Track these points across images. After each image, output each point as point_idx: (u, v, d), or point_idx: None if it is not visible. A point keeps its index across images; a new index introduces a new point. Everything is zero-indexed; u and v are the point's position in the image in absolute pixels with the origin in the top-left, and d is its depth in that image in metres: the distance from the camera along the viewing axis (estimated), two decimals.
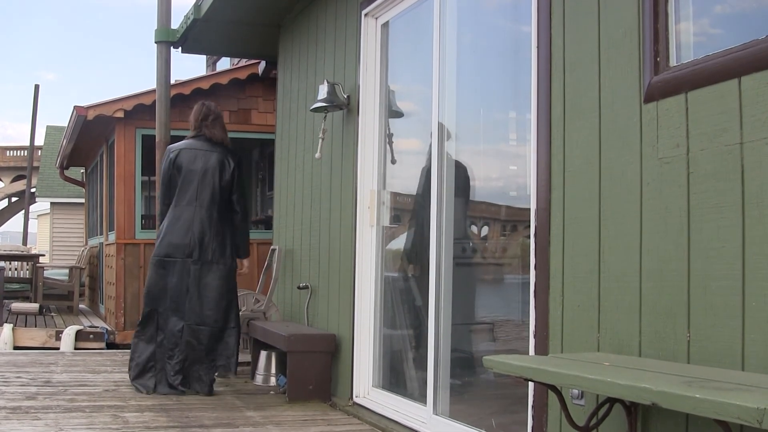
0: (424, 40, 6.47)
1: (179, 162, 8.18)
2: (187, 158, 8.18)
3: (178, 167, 8.17)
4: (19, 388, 8.04)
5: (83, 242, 28.08)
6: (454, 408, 6.01)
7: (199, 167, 8.14)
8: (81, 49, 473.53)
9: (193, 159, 8.18)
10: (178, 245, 8.02)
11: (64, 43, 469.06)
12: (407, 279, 7.26)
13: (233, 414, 7.01)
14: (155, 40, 11.40)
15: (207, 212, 8.06)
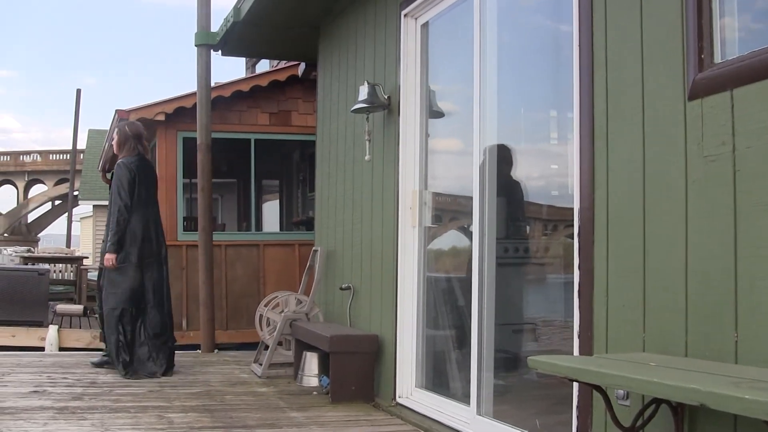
0: (464, 39, 6.45)
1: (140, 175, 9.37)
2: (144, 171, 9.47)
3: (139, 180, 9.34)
4: (65, 388, 8.11)
5: None
6: (498, 408, 5.99)
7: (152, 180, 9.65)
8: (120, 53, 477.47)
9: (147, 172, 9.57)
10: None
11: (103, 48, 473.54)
12: (449, 279, 7.25)
13: (276, 414, 7.02)
14: (195, 43, 11.46)
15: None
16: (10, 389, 8.01)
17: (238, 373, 9.35)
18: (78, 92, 31.77)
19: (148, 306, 9.26)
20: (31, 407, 7.15)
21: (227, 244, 13.53)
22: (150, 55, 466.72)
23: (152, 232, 9.39)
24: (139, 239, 9.21)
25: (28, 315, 14.32)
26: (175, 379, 8.85)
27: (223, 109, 13.36)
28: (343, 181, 8.82)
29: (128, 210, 9.17)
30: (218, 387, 8.38)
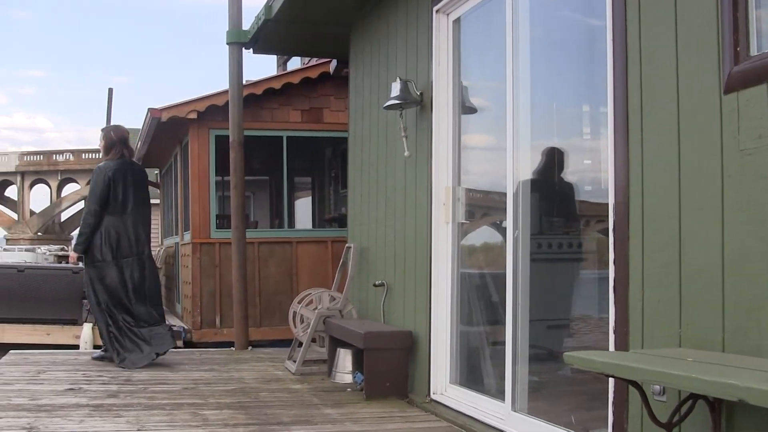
0: (497, 34, 6.44)
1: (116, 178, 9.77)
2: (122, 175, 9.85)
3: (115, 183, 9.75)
4: (100, 386, 8.16)
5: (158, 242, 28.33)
6: (533, 404, 5.98)
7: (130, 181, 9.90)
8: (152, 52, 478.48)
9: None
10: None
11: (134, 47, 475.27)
12: (483, 275, 7.23)
13: (311, 411, 7.03)
14: (227, 41, 11.49)
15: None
16: (46, 387, 8.07)
17: (272, 370, 9.38)
18: (110, 91, 31.80)
19: (131, 302, 9.71)
20: (67, 404, 7.20)
21: (260, 242, 13.56)
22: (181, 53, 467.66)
23: (130, 232, 9.81)
24: (114, 239, 9.68)
25: (62, 313, 14.41)
26: (209, 376, 8.88)
27: (255, 107, 13.39)
28: (375, 178, 8.82)
29: (95, 214, 9.65)
30: (252, 384, 8.40)
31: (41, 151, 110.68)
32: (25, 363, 9.69)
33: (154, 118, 13.65)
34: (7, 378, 8.56)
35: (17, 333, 13.87)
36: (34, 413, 6.79)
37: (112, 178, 9.69)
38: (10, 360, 9.99)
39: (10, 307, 14.21)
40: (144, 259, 9.91)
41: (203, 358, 10.43)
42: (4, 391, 7.77)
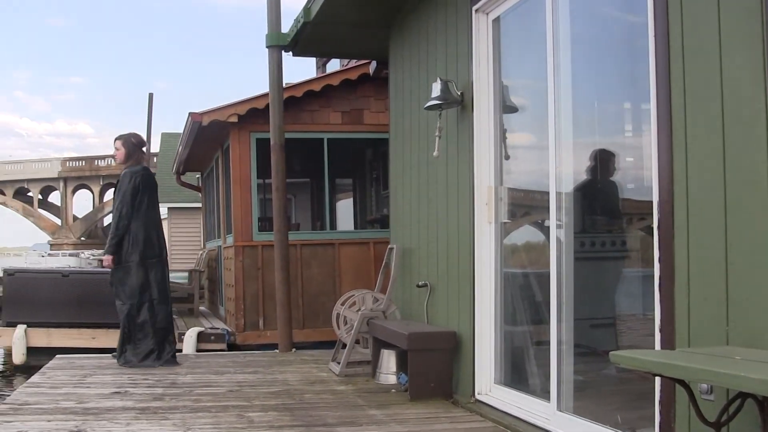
0: (537, 33, 6.42)
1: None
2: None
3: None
4: (146, 389, 8.21)
5: (200, 246, 28.46)
6: (578, 404, 5.95)
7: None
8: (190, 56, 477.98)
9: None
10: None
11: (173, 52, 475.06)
12: (526, 274, 7.21)
13: (356, 413, 7.04)
14: (266, 44, 11.53)
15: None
16: (93, 390, 8.13)
17: (316, 371, 9.40)
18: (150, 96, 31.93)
19: (154, 302, 10.17)
20: (113, 408, 7.25)
21: (302, 244, 13.60)
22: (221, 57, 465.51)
23: (153, 235, 10.32)
24: (141, 242, 10.13)
25: (107, 317, 14.45)
26: (253, 378, 8.92)
27: (296, 109, 13.43)
28: (417, 179, 8.82)
29: (128, 217, 10.08)
30: (297, 386, 8.42)
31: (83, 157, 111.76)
32: (72, 367, 9.77)
33: (195, 122, 13.73)
34: (54, 382, 8.64)
35: (63, 337, 13.98)
36: (82, 416, 6.85)
37: (141, 183, 10.19)
38: (57, 364, 10.07)
39: (56, 311, 14.32)
40: (164, 261, 10.40)
41: (247, 361, 10.46)
42: (51, 395, 7.84)
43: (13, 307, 14.68)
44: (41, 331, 14.25)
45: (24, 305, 14.54)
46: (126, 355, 10.07)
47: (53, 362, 10.25)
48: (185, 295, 18.23)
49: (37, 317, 14.36)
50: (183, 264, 30.67)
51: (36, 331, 14.26)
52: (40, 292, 14.64)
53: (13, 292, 14.84)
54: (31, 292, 14.68)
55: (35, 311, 14.45)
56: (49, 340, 14.10)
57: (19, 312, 14.54)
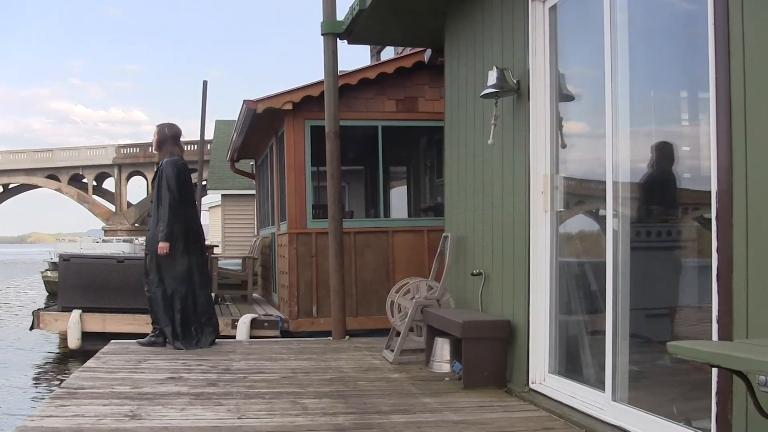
0: (594, 21, 6.38)
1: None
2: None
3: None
4: (200, 375, 8.27)
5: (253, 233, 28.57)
6: (633, 394, 5.92)
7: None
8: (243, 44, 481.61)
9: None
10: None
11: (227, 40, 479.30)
12: (580, 264, 7.18)
13: (410, 400, 7.05)
14: (322, 32, 11.54)
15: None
16: (148, 375, 8.20)
17: (370, 359, 9.42)
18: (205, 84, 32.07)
19: (196, 287, 10.50)
20: (168, 393, 7.32)
21: (356, 231, 13.62)
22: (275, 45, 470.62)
23: (193, 223, 10.70)
24: (184, 229, 10.43)
25: None
26: (307, 365, 8.95)
27: (350, 97, 13.45)
28: (472, 167, 8.80)
29: (178, 203, 10.39)
30: (350, 373, 8.45)
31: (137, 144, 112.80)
32: (126, 352, 9.87)
33: (249, 109, 13.78)
34: (110, 367, 8.72)
35: (117, 323, 14.09)
36: (137, 401, 6.92)
37: (183, 172, 10.53)
38: (112, 349, 10.17)
39: (111, 297, 14.45)
40: (203, 248, 10.78)
41: (301, 348, 10.50)
42: (107, 380, 7.92)
43: (69, 292, 14.85)
44: (96, 316, 14.40)
45: (79, 290, 14.70)
46: (176, 341, 10.30)
47: (108, 347, 10.35)
48: (238, 281, 18.32)
49: (92, 302, 14.51)
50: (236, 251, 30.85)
51: (91, 316, 14.41)
52: (95, 278, 14.79)
53: (69, 277, 15.01)
54: (87, 277, 14.83)
55: (90, 296, 14.60)
56: (103, 325, 14.23)
57: (74, 297, 14.70)
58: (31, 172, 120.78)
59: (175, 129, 10.87)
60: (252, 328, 13.60)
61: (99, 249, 40.44)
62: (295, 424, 6.18)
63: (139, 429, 5.96)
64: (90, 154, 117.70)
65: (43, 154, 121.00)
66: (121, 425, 6.06)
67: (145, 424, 6.09)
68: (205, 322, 10.56)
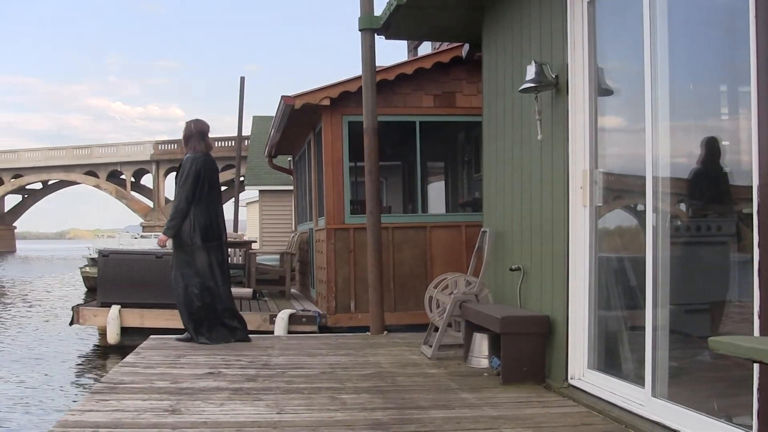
0: (633, 15, 6.34)
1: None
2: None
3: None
4: (239, 370, 8.31)
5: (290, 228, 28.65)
6: (673, 390, 5.88)
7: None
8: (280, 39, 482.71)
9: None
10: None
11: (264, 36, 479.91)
12: (620, 259, 7.15)
13: (448, 396, 7.05)
14: (359, 27, 11.54)
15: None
16: (187, 371, 8.25)
17: (408, 354, 9.42)
18: (242, 80, 32.33)
19: (217, 283, 10.59)
20: (207, 388, 7.36)
21: (394, 227, 13.64)
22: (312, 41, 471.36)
23: (214, 219, 10.70)
24: (202, 226, 10.50)
25: None
26: (345, 360, 8.97)
27: (388, 92, 13.46)
28: (510, 162, 8.78)
29: (189, 201, 10.47)
30: (389, 368, 8.46)
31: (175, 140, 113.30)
32: (165, 347, 9.93)
33: (287, 105, 13.82)
34: (149, 362, 8.78)
35: (156, 318, 14.17)
36: (176, 396, 6.97)
37: (202, 168, 10.59)
38: (151, 344, 10.24)
39: (149, 292, 14.52)
40: (224, 245, 10.77)
41: (339, 343, 10.53)
42: (146, 375, 7.97)
43: (108, 287, 14.94)
44: (135, 311, 14.49)
45: (118, 286, 14.79)
46: (200, 336, 10.47)
47: (147, 342, 10.43)
48: (276, 277, 18.40)
49: (130, 298, 14.60)
50: (274, 246, 30.96)
51: (129, 312, 14.50)
52: (134, 274, 14.88)
53: (108, 273, 15.10)
54: (125, 273, 14.93)
55: (129, 292, 14.69)
56: (142, 321, 14.33)
57: (113, 293, 14.79)
58: (69, 169, 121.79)
59: (201, 125, 10.93)
60: (290, 324, 13.64)
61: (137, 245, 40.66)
62: (333, 419, 6.19)
63: (179, 424, 5.99)
64: (128, 150, 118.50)
65: (82, 151, 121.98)
66: (161, 420, 6.10)
67: (184, 419, 6.13)
68: (229, 319, 10.65)
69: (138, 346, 10.10)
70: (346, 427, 5.97)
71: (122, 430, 5.82)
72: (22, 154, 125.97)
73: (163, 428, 5.86)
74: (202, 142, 10.80)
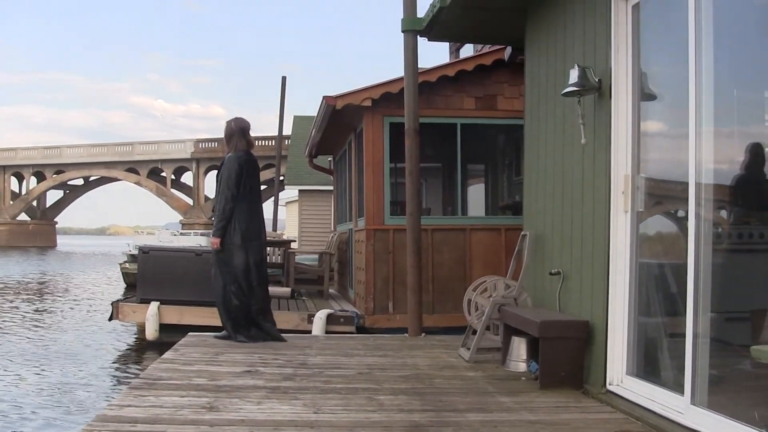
0: (678, 19, 6.30)
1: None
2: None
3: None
4: (276, 369, 8.34)
5: (329, 228, 28.70)
6: (713, 398, 5.84)
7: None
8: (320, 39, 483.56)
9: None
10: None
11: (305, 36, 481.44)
12: (660, 265, 7.10)
13: (486, 399, 7.04)
14: (402, 29, 11.56)
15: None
16: (225, 369, 8.28)
17: (446, 357, 9.42)
18: (283, 79, 32.48)
19: (253, 283, 10.59)
20: (245, 386, 7.39)
21: (434, 229, 13.64)
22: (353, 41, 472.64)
23: (255, 219, 10.73)
24: (243, 225, 10.54)
25: None
26: (383, 361, 8.98)
27: (429, 94, 13.45)
28: (552, 165, 8.75)
29: (233, 200, 10.50)
30: (426, 371, 8.46)
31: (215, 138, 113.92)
32: (203, 345, 9.98)
33: (329, 105, 13.85)
34: (187, 359, 8.83)
35: (195, 315, 14.23)
36: (214, 393, 7.01)
37: (244, 168, 10.63)
38: (189, 341, 10.30)
39: (188, 289, 14.58)
40: (263, 244, 10.79)
41: (377, 344, 10.53)
42: (184, 372, 8.01)
43: (148, 284, 15.03)
44: (174, 308, 14.57)
45: (158, 283, 14.87)
46: (238, 334, 10.48)
47: (186, 339, 10.49)
48: (315, 277, 18.43)
49: (170, 295, 14.68)
50: (312, 246, 31.03)
51: (168, 309, 14.58)
52: (174, 271, 14.95)
53: (148, 269, 15.19)
54: (165, 270, 15.00)
55: (168, 289, 14.76)
56: (180, 318, 14.39)
57: (152, 289, 14.87)
58: (111, 166, 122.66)
59: (242, 123, 10.95)
60: (328, 324, 13.67)
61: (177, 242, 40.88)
62: (370, 420, 6.20)
63: (216, 421, 6.03)
64: (169, 148, 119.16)
65: (124, 148, 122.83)
66: (199, 417, 6.13)
67: (222, 416, 6.16)
68: (262, 320, 10.67)
69: (176, 342, 10.16)
70: (384, 428, 5.98)
71: (160, 425, 5.86)
72: (65, 150, 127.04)
73: (201, 425, 5.90)
74: (243, 140, 10.82)
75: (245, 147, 10.81)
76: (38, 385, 13.01)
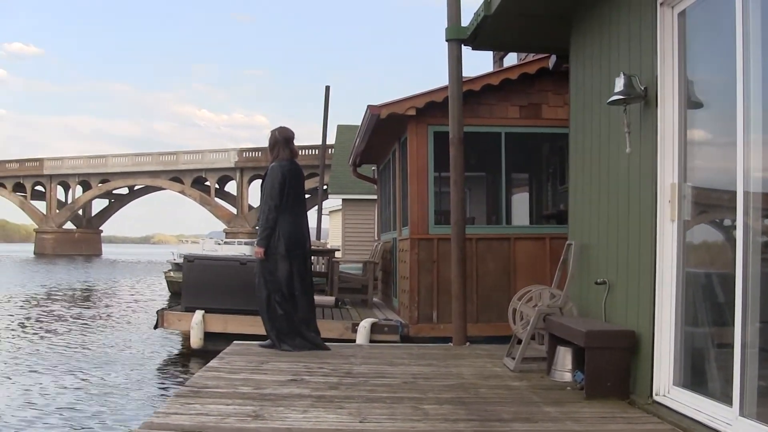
0: (725, 26, 6.25)
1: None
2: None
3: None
4: (321, 378, 8.35)
5: (373, 237, 28.72)
6: (761, 410, 5.77)
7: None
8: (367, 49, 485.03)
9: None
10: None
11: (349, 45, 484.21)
12: (708, 274, 7.05)
13: (531, 409, 7.01)
14: (446, 38, 11.57)
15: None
16: (270, 377, 8.31)
17: (491, 366, 9.39)
18: (327, 89, 32.52)
19: (296, 293, 10.60)
20: (290, 395, 7.41)
21: (478, 238, 13.61)
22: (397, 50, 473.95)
23: (299, 228, 10.74)
24: (287, 234, 10.56)
25: None
26: (427, 371, 8.97)
27: (473, 103, 13.46)
28: (597, 174, 8.71)
29: (277, 209, 10.52)
30: (471, 380, 8.44)
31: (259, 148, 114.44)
32: (248, 353, 10.01)
33: (373, 114, 13.88)
34: (233, 367, 8.86)
35: (240, 324, 14.28)
36: (259, 402, 7.03)
37: (287, 177, 10.64)
38: (234, 350, 10.33)
39: (233, 298, 14.66)
40: (308, 254, 10.85)
41: (421, 353, 10.53)
42: (230, 380, 8.04)
43: (192, 292, 15.12)
44: (218, 317, 14.65)
45: (202, 291, 14.96)
46: (282, 344, 10.51)
47: (230, 348, 10.53)
48: (359, 286, 18.46)
49: (214, 303, 14.76)
50: (356, 255, 31.06)
51: (213, 317, 14.66)
52: (219, 279, 15.04)
53: (193, 278, 15.29)
54: (210, 278, 15.10)
55: (213, 297, 14.85)
56: (225, 326, 14.46)
57: (197, 298, 14.97)
58: (155, 175, 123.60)
59: (285, 132, 10.98)
60: (372, 333, 13.69)
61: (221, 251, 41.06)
62: (416, 429, 6.20)
63: (262, 429, 6.05)
64: (213, 157, 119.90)
65: (168, 157, 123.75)
66: (244, 425, 6.15)
67: (267, 425, 6.18)
68: (305, 330, 10.67)
69: (221, 351, 10.20)
70: None
71: None
72: (110, 159, 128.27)
73: None
74: (287, 149, 10.85)
75: (289, 156, 10.81)
76: (87, 390, 13.13)
